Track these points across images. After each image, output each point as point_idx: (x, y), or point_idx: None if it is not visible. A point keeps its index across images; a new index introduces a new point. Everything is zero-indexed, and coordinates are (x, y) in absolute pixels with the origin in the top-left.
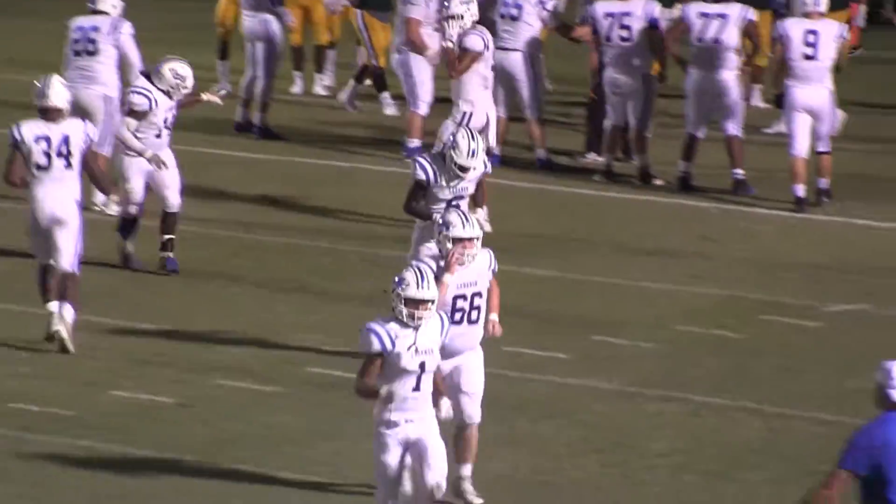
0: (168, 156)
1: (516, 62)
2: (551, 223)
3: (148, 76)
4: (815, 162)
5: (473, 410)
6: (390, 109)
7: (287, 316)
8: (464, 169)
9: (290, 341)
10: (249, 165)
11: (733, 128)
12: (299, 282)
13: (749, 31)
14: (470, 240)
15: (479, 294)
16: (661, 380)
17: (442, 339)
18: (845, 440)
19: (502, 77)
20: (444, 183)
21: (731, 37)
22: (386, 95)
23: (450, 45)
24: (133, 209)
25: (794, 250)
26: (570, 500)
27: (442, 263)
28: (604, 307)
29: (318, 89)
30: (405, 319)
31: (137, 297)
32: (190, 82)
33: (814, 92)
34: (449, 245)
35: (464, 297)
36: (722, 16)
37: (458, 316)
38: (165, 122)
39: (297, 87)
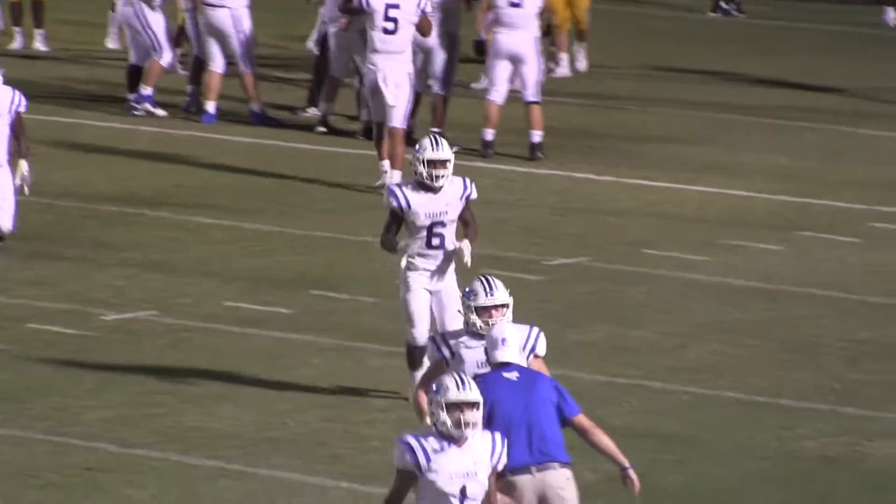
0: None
1: (224, 18)
2: (271, 177)
3: None
4: (526, 115)
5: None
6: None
7: (7, 272)
8: (433, 163)
9: (8, 296)
10: None
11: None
12: (20, 237)
13: None
14: (497, 307)
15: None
16: (383, 335)
17: (493, 462)
18: None
19: (214, 32)
20: (418, 210)
21: None
22: None
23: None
24: None
25: (515, 204)
26: (294, 454)
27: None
28: (324, 262)
29: (38, 45)
30: (448, 430)
31: None
32: None
33: (518, 38)
34: (473, 317)
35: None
36: None
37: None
38: None
39: (17, 43)
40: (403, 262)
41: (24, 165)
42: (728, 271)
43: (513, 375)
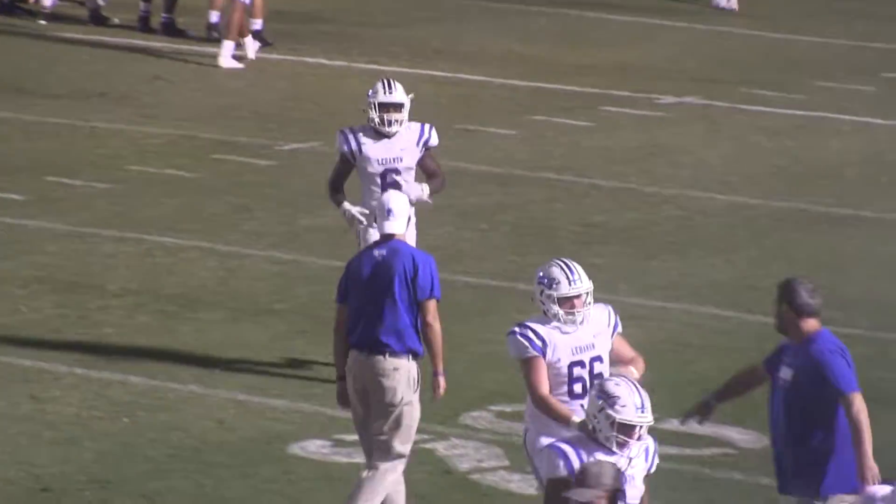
0: None
1: None
2: (3, 66)
3: None
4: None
5: None
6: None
7: None
8: (385, 106)
9: None
10: None
11: None
12: None
13: None
14: (578, 296)
15: (598, 358)
16: (115, 220)
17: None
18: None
19: None
20: (369, 154)
21: None
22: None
23: None
24: None
25: (248, 90)
26: (28, 341)
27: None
28: (57, 148)
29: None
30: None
31: None
32: None
33: None
34: (555, 307)
35: (581, 363)
36: None
37: (577, 388)
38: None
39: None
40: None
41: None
42: (461, 156)
43: (382, 252)
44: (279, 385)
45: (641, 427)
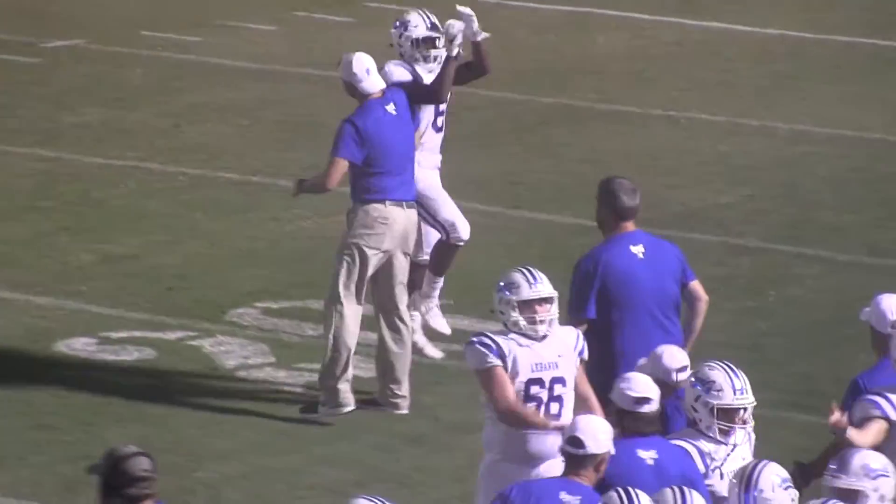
0: None
1: None
2: None
3: None
4: None
5: None
6: None
7: None
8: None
9: None
10: None
11: None
12: None
13: None
14: (540, 302)
15: (561, 380)
16: None
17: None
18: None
19: None
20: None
21: None
22: None
23: None
24: None
25: None
26: None
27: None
28: None
29: None
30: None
31: None
32: None
33: None
34: (514, 313)
35: (540, 382)
36: None
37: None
38: None
39: None
40: None
41: None
42: (222, 52)
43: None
44: (43, 282)
45: (745, 410)
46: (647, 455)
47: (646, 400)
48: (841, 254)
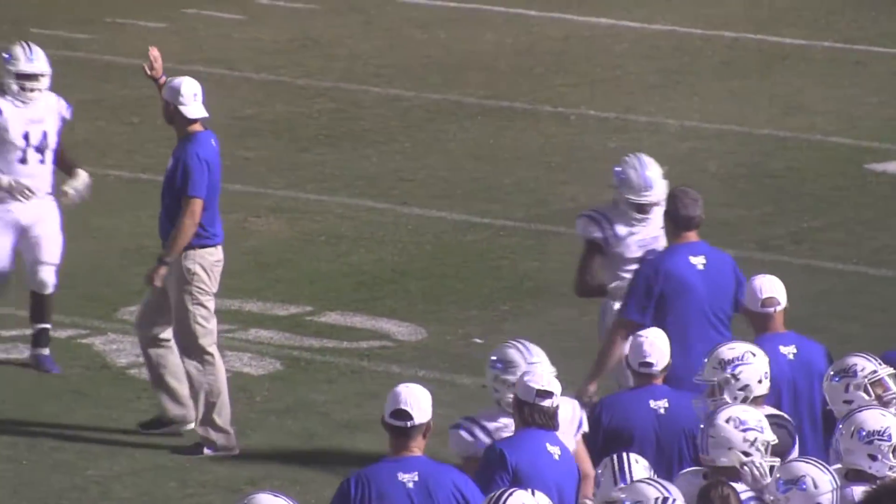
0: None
1: None
2: None
3: None
4: None
5: None
6: None
7: None
8: (641, 207)
9: None
10: None
11: None
12: None
13: None
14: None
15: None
16: None
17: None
18: None
19: None
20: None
21: None
22: None
23: None
24: None
25: None
26: None
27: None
28: None
29: None
30: None
31: None
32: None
33: None
34: (510, 395)
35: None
36: None
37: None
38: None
39: None
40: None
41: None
42: (111, 49)
43: None
44: None
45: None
46: (554, 450)
47: (548, 394)
48: (730, 249)
